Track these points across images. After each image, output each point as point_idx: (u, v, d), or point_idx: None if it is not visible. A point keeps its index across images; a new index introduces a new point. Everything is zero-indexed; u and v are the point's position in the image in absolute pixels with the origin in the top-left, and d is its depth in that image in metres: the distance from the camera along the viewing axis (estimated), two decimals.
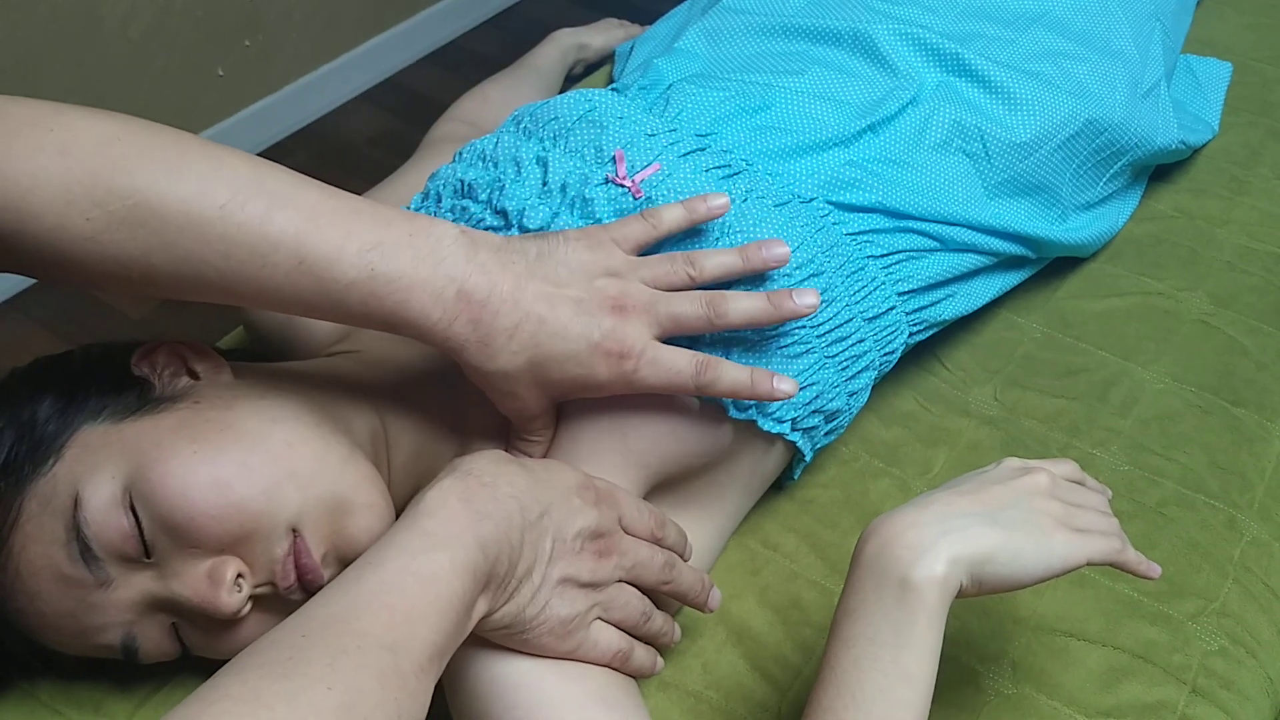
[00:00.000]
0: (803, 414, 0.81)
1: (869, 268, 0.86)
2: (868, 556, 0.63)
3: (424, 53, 2.46)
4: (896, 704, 0.60)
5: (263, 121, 2.20)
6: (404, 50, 2.42)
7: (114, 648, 0.70)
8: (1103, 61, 1.03)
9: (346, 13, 2.26)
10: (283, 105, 2.22)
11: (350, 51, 2.32)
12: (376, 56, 2.37)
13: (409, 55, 2.43)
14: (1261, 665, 0.83)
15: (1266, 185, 1.21)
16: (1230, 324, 1.06)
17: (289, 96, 2.23)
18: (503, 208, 0.83)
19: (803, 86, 0.93)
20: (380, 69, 2.39)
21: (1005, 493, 0.66)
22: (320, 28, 2.22)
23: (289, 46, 2.18)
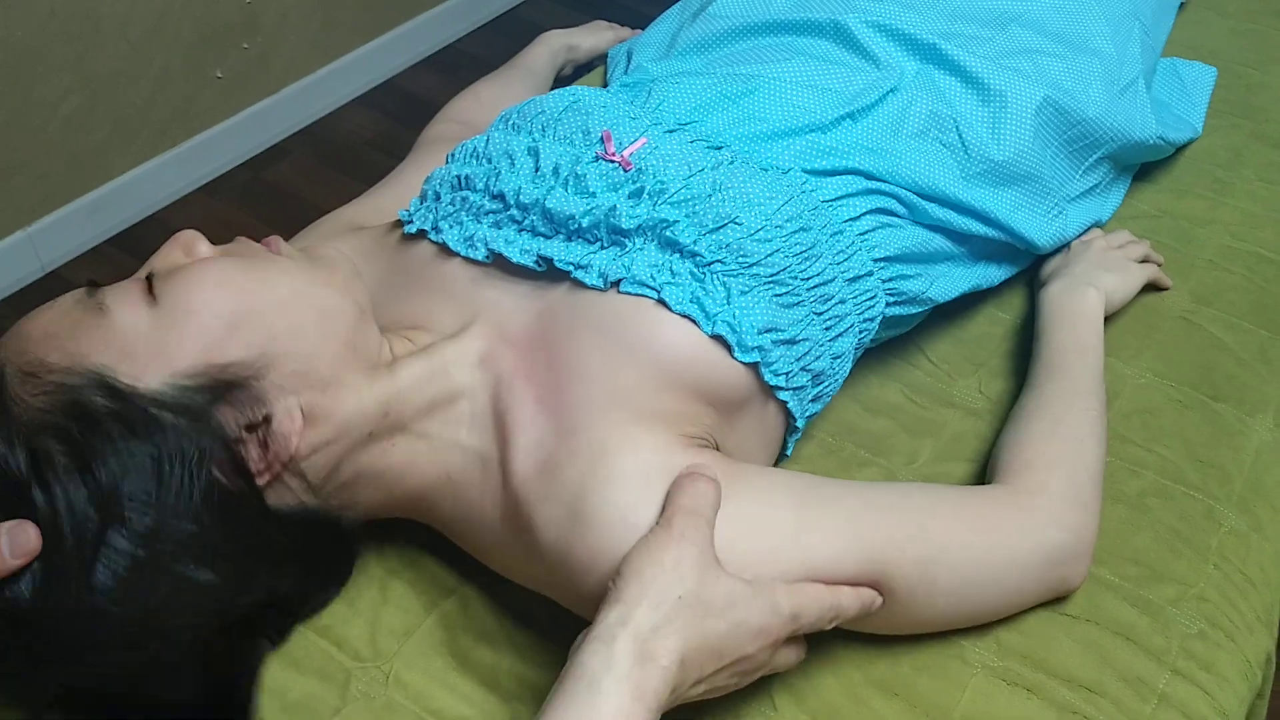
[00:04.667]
0: (794, 369, 0.83)
1: (847, 231, 0.89)
2: (1049, 307, 1.00)
3: (421, 56, 2.48)
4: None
5: (261, 123, 2.22)
6: (401, 53, 2.44)
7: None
8: (1079, 58, 1.05)
9: (343, 16, 2.28)
10: (281, 107, 2.24)
11: (348, 54, 2.33)
12: (374, 59, 2.39)
13: (406, 58, 2.45)
14: (1240, 649, 0.85)
15: (1249, 186, 1.23)
16: (1211, 321, 1.08)
17: (287, 98, 2.25)
18: (499, 191, 0.86)
19: (785, 74, 0.96)
20: (378, 72, 2.40)
21: (1095, 255, 1.06)
22: (317, 31, 2.24)
23: (287, 49, 2.20)
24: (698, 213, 0.82)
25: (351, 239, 0.94)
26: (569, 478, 0.73)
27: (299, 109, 2.28)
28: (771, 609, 0.69)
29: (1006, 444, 0.89)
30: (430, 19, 2.47)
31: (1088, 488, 0.85)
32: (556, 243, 0.83)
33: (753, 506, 0.73)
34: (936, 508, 0.79)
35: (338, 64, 2.32)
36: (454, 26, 2.53)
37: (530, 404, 0.78)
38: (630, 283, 0.80)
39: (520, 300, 0.83)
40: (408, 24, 2.43)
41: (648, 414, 0.76)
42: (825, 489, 0.77)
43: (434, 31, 2.49)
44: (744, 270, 0.81)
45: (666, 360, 0.78)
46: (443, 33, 2.51)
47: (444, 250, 0.86)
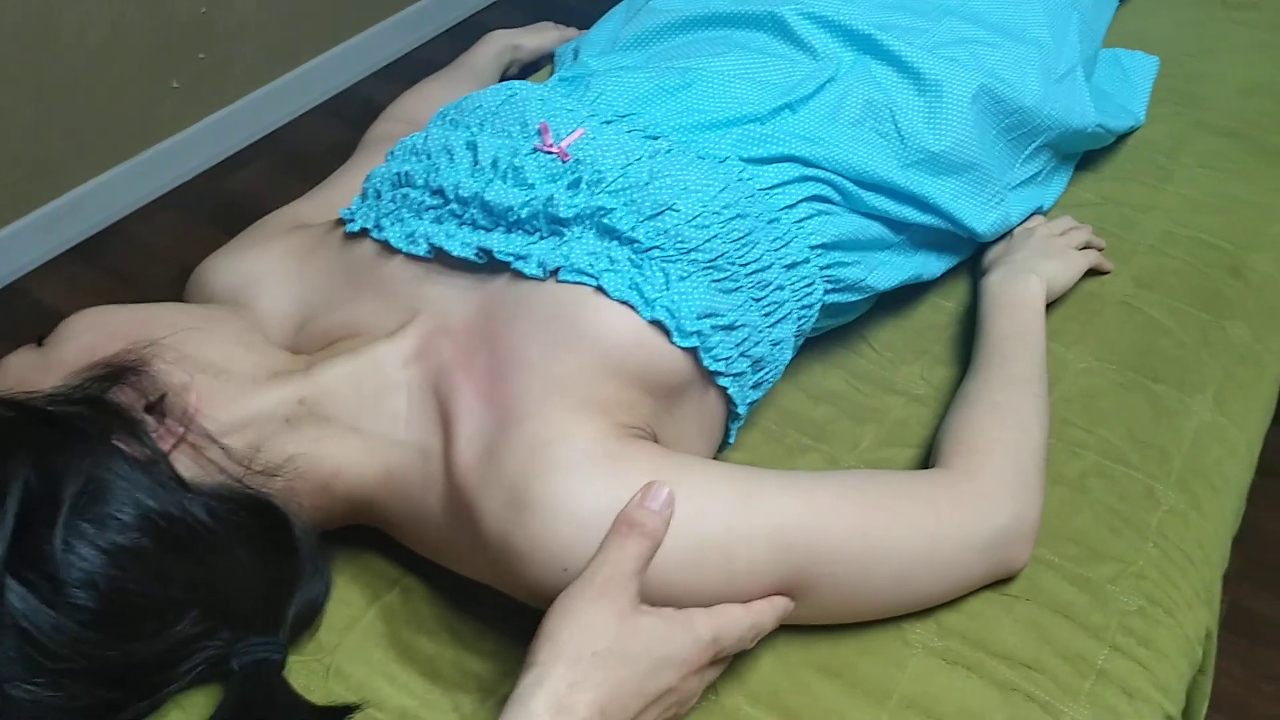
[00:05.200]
0: (734, 354, 0.84)
1: (783, 219, 0.90)
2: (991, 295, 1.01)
3: (381, 64, 2.48)
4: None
5: (220, 133, 2.21)
6: (361, 62, 2.44)
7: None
8: (1016, 47, 1.06)
9: (302, 25, 2.28)
10: (240, 116, 2.23)
11: (307, 63, 2.33)
12: (333, 68, 2.38)
13: (366, 67, 2.45)
14: (1179, 625, 0.86)
15: (1190, 174, 1.25)
16: (1152, 305, 1.09)
17: (246, 108, 2.24)
18: (439, 186, 0.86)
19: (723, 67, 0.96)
20: (337, 80, 2.40)
21: (1037, 242, 1.07)
22: (275, 40, 2.24)
23: (244, 59, 2.20)
24: (635, 200, 0.83)
25: (294, 237, 0.94)
26: (509, 467, 0.74)
27: (258, 118, 2.27)
28: (692, 640, 0.69)
29: (949, 429, 0.90)
30: (389, 27, 2.47)
31: (1030, 471, 0.86)
32: (496, 235, 0.84)
33: (686, 505, 0.73)
34: (878, 497, 0.80)
35: (297, 73, 2.31)
36: (413, 34, 2.53)
37: (471, 395, 0.78)
38: (569, 271, 0.80)
39: (462, 293, 0.83)
40: (367, 32, 2.43)
41: (587, 402, 0.77)
42: (762, 487, 0.77)
43: (393, 39, 2.49)
44: (682, 256, 0.82)
45: (606, 347, 0.79)
46: (402, 41, 2.51)
47: (386, 248, 0.87)
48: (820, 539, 0.76)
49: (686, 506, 0.72)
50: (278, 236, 0.95)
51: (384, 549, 0.87)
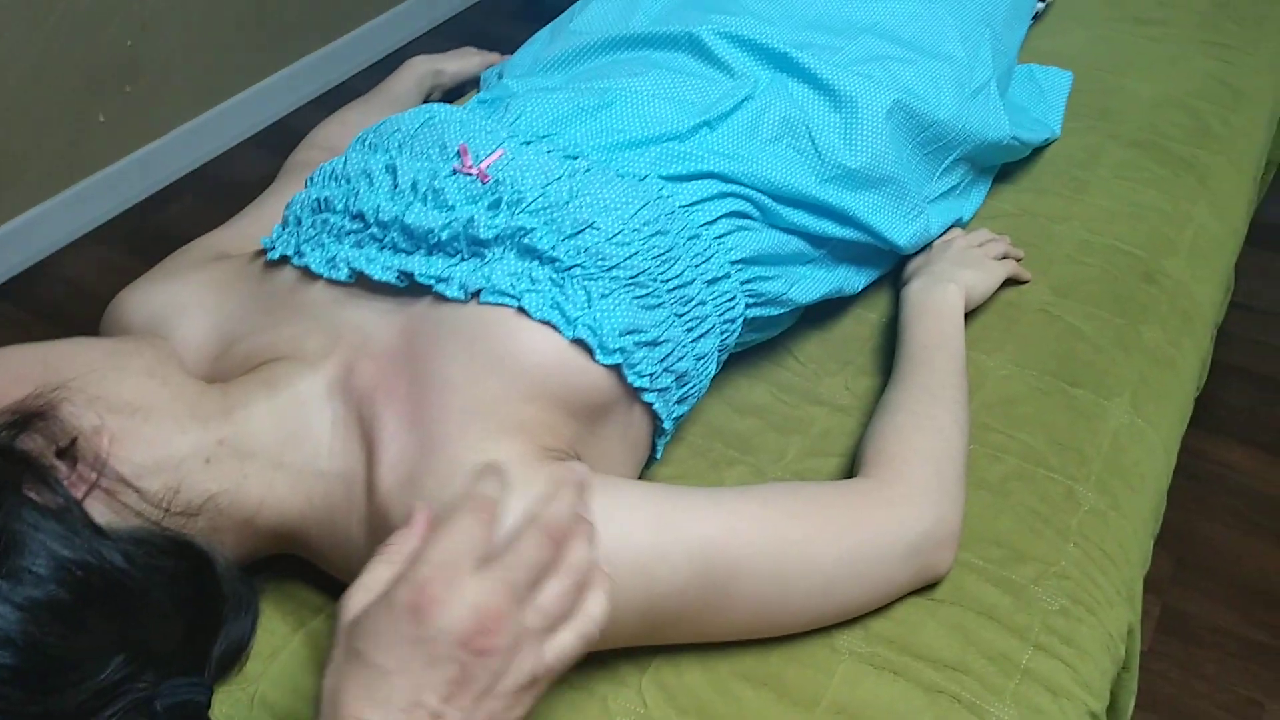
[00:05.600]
0: (658, 370, 0.84)
1: (704, 235, 0.91)
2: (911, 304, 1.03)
3: (312, 95, 2.47)
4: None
5: (149, 166, 2.19)
6: (292, 93, 2.43)
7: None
8: (930, 63, 1.09)
9: (230, 57, 2.27)
10: (169, 150, 2.22)
11: (236, 95, 2.32)
12: (263, 100, 2.38)
13: (296, 99, 2.44)
14: (1101, 623, 0.87)
15: (1105, 184, 1.28)
16: (1069, 312, 1.12)
17: (175, 141, 2.23)
18: (359, 210, 0.86)
19: (642, 87, 0.97)
20: (268, 112, 2.39)
21: (955, 253, 1.10)
22: (204, 72, 2.23)
23: (172, 92, 2.18)
24: (555, 219, 0.83)
25: (213, 267, 0.93)
26: (429, 491, 0.73)
27: (188, 151, 2.26)
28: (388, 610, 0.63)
29: (871, 438, 0.91)
30: (319, 58, 2.47)
31: (950, 476, 0.87)
32: (418, 258, 0.84)
33: (607, 526, 0.72)
34: (798, 510, 0.80)
35: (226, 105, 2.30)
36: (343, 66, 2.53)
37: (394, 420, 0.78)
38: (490, 292, 0.81)
39: (384, 317, 0.83)
40: (296, 64, 2.43)
41: (508, 425, 0.77)
42: (682, 506, 0.77)
43: (323, 71, 2.49)
44: (603, 274, 0.82)
45: (528, 368, 0.79)
46: (332, 72, 2.51)
47: (307, 273, 0.86)
48: (741, 555, 0.76)
49: (608, 529, 0.72)
50: (196, 267, 0.94)
51: (307, 576, 0.86)
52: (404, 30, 2.67)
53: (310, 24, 2.43)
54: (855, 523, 0.81)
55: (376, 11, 2.60)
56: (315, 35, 2.46)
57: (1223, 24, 1.55)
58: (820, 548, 0.79)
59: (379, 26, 2.61)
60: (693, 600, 0.76)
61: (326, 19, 2.47)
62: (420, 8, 2.71)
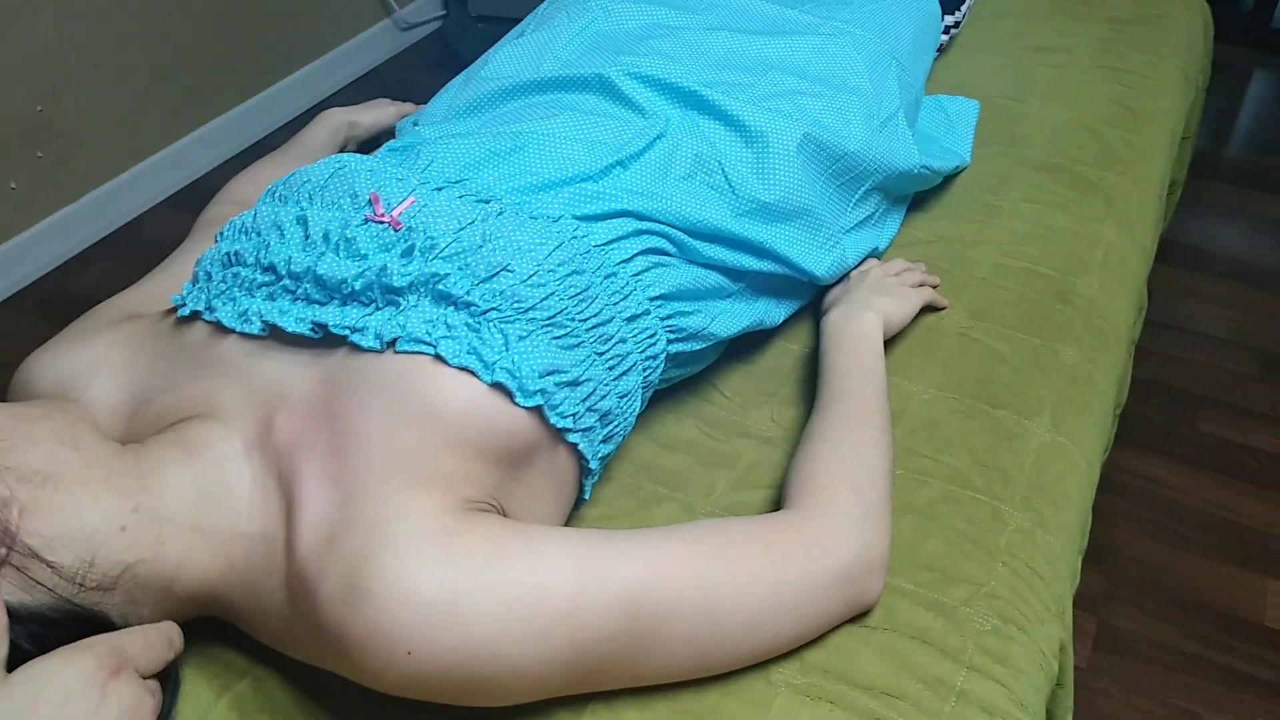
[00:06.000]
0: (580, 410, 0.84)
1: (620, 273, 0.91)
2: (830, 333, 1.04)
3: (230, 154, 2.45)
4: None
5: (63, 232, 2.15)
6: (208, 152, 2.41)
7: None
8: (838, 96, 1.10)
9: (145, 118, 2.25)
10: (84, 214, 2.18)
11: (152, 156, 2.29)
12: (180, 160, 2.35)
13: (214, 157, 2.42)
14: (1033, 640, 0.88)
15: (1016, 208, 1.30)
16: (988, 334, 1.13)
17: (90, 205, 2.19)
18: (270, 263, 0.85)
19: (554, 129, 0.97)
20: (185, 172, 2.37)
21: (872, 282, 1.11)
22: (118, 134, 2.20)
23: (86, 155, 2.15)
24: (469, 264, 0.83)
25: (124, 327, 0.91)
26: (347, 550, 0.72)
27: (104, 215, 2.22)
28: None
29: (795, 469, 0.91)
30: (235, 116, 2.45)
31: (875, 504, 0.88)
32: (331, 308, 0.83)
33: (529, 580, 0.72)
34: (722, 548, 0.80)
35: (142, 166, 2.27)
36: (261, 122, 2.51)
37: (313, 476, 0.76)
38: (406, 340, 0.80)
39: (300, 370, 0.82)
40: (211, 123, 2.40)
41: (428, 477, 0.75)
42: (605, 552, 0.76)
43: (240, 128, 2.47)
44: (520, 316, 0.82)
45: (447, 416, 0.78)
46: (250, 129, 2.49)
47: (219, 328, 0.85)
48: (669, 596, 0.75)
49: (530, 579, 0.72)
50: (105, 328, 0.92)
51: (230, 640, 0.84)
52: (322, 85, 2.66)
53: (224, 82, 2.42)
54: (782, 557, 0.81)
55: (293, 67, 2.59)
56: (230, 93, 2.44)
57: (1121, 50, 1.60)
58: (749, 584, 0.79)
59: (296, 82, 2.60)
60: (623, 645, 0.75)
61: (241, 76, 2.45)
62: (337, 62, 2.71)
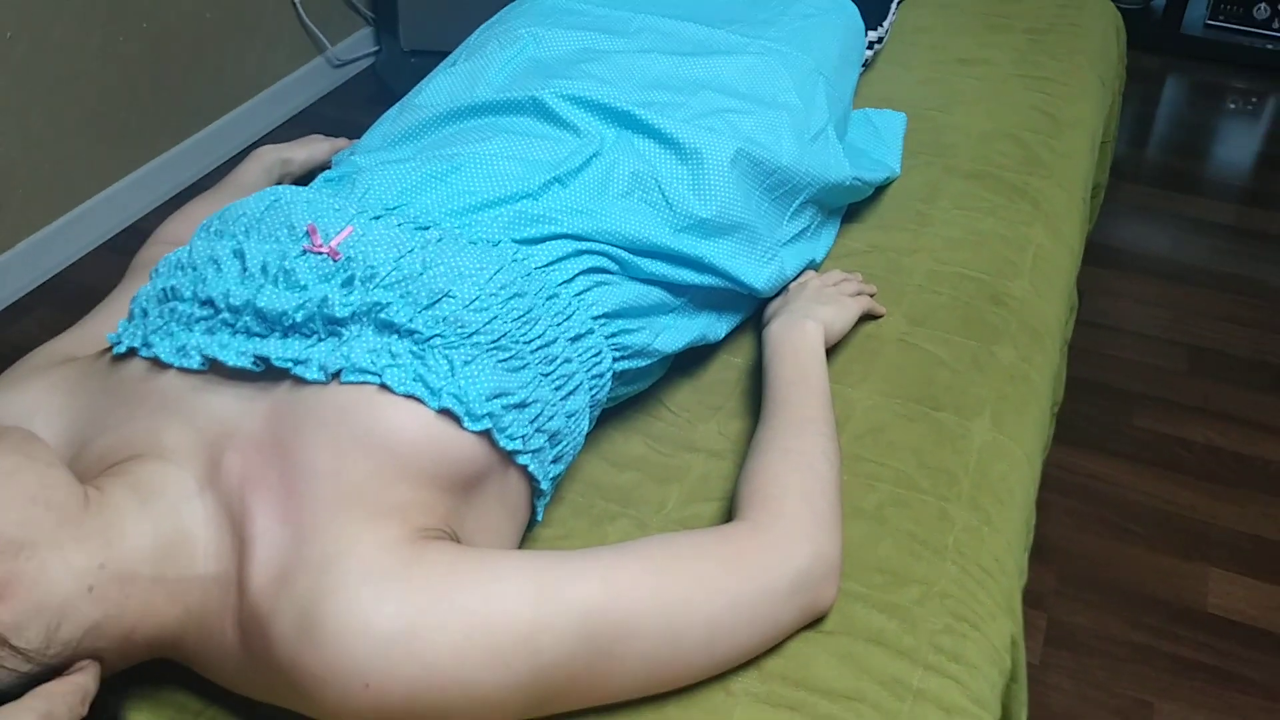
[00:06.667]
0: (529, 431, 0.84)
1: (562, 294, 0.91)
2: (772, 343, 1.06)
3: (166, 196, 2.43)
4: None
5: None
6: (144, 195, 2.38)
7: None
8: (768, 113, 1.13)
9: (76, 164, 2.22)
10: (17, 263, 2.15)
11: (87, 201, 2.26)
12: (115, 205, 2.32)
13: (150, 200, 2.39)
14: (986, 636, 0.89)
15: (947, 215, 1.33)
16: (926, 339, 1.16)
17: (23, 253, 2.15)
18: (208, 297, 0.85)
19: (490, 150, 0.99)
20: (121, 216, 2.34)
21: (811, 293, 1.13)
22: (50, 180, 2.17)
23: (17, 202, 2.12)
24: (411, 292, 0.83)
25: (59, 370, 0.90)
26: (300, 588, 0.72)
27: (37, 262, 2.19)
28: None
29: (745, 479, 0.92)
30: (170, 158, 2.43)
31: (824, 510, 0.89)
32: (273, 341, 0.83)
33: (484, 607, 0.72)
34: (675, 563, 0.80)
35: (76, 212, 2.24)
36: (197, 164, 2.49)
37: (265, 515, 0.76)
38: (351, 371, 0.80)
39: (244, 404, 0.81)
40: (146, 165, 2.38)
41: (379, 509, 0.75)
42: (560, 574, 0.76)
43: (176, 170, 2.45)
44: (464, 340, 0.82)
45: (395, 444, 0.78)
46: (185, 171, 2.47)
47: (157, 364, 0.84)
48: (625, 614, 0.76)
49: (486, 606, 0.72)
50: (39, 372, 0.90)
51: (183, 681, 0.83)
52: (255, 125, 2.64)
53: (157, 125, 2.40)
54: (736, 569, 0.82)
55: (226, 108, 2.57)
56: (163, 136, 2.42)
57: (1038, 59, 1.64)
58: (704, 597, 0.79)
59: (229, 123, 2.58)
60: (581, 667, 0.75)
61: (174, 119, 2.43)
62: (270, 102, 2.69)
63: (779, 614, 0.84)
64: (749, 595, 0.81)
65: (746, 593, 0.81)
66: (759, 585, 0.82)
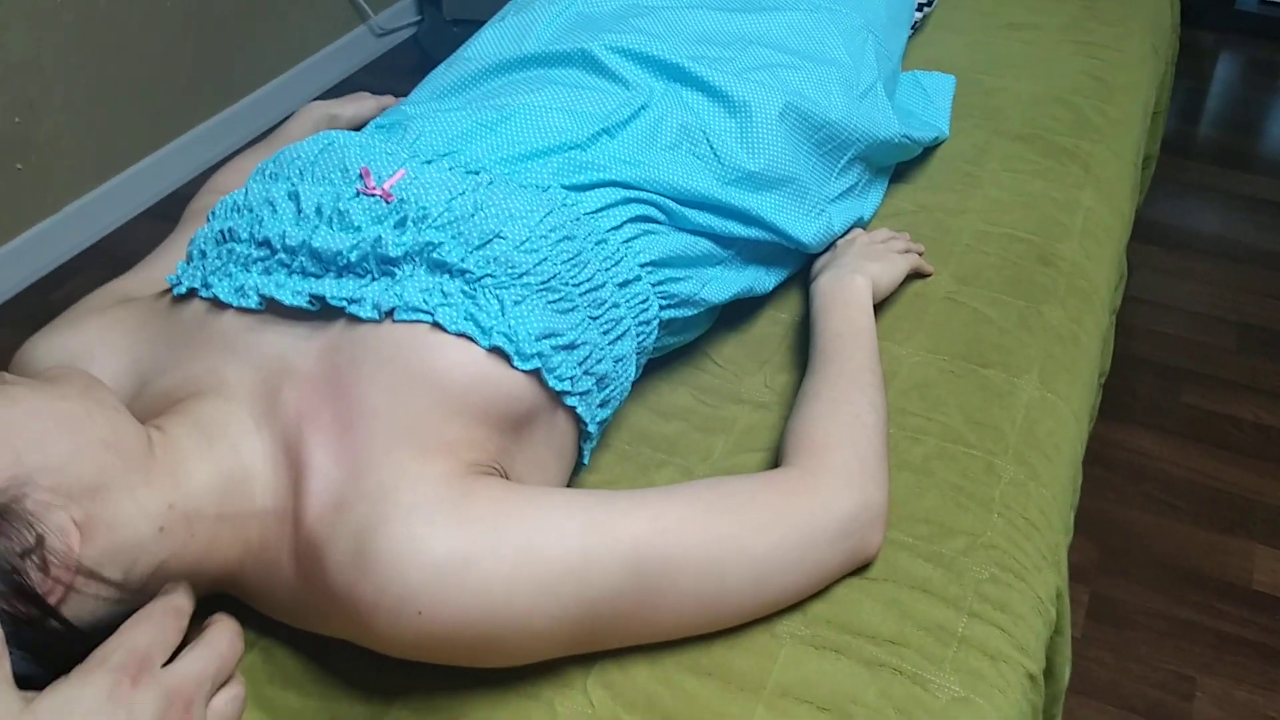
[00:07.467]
0: (577, 373, 0.85)
1: (611, 240, 0.91)
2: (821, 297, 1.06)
3: (207, 165, 2.45)
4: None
5: (44, 244, 2.15)
6: (187, 163, 2.41)
7: None
8: (817, 68, 1.12)
9: (122, 130, 2.25)
10: (64, 226, 2.18)
11: (131, 168, 2.29)
12: (158, 171, 2.35)
13: (192, 168, 2.42)
14: (1030, 587, 0.89)
15: (995, 177, 1.32)
16: (973, 298, 1.15)
17: (70, 216, 2.19)
18: (264, 238, 0.86)
19: (540, 101, 0.99)
20: (164, 183, 2.37)
21: (859, 248, 1.13)
22: (96, 146, 2.20)
23: (64, 167, 2.15)
24: (462, 232, 0.84)
25: (119, 310, 0.91)
26: (355, 518, 0.73)
27: (85, 226, 2.22)
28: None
29: (791, 428, 0.92)
30: (214, 125, 2.45)
31: (869, 458, 0.89)
32: (328, 280, 0.83)
33: (535, 540, 0.73)
34: (724, 504, 0.81)
35: (121, 177, 2.27)
36: (239, 131, 2.51)
37: (320, 447, 0.77)
38: (404, 310, 0.80)
39: (301, 343, 0.82)
40: (190, 132, 2.41)
41: (432, 445, 0.76)
42: (610, 509, 0.77)
43: (219, 138, 2.47)
44: (515, 281, 0.83)
45: (448, 382, 0.78)
46: (228, 138, 2.49)
47: (216, 304, 0.85)
48: (671, 553, 0.76)
49: (537, 538, 0.73)
50: (100, 312, 0.92)
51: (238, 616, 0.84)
52: (297, 93, 2.66)
53: (201, 92, 2.42)
54: (783, 511, 0.82)
55: (268, 76, 2.59)
56: (207, 103, 2.44)
57: (1090, 25, 1.62)
58: (751, 538, 0.80)
59: (271, 91, 2.60)
60: (629, 601, 0.76)
61: (217, 86, 2.46)
62: (312, 71, 2.71)
63: (824, 557, 0.84)
64: (795, 537, 0.81)
65: (792, 535, 0.81)
66: (805, 528, 0.82)
